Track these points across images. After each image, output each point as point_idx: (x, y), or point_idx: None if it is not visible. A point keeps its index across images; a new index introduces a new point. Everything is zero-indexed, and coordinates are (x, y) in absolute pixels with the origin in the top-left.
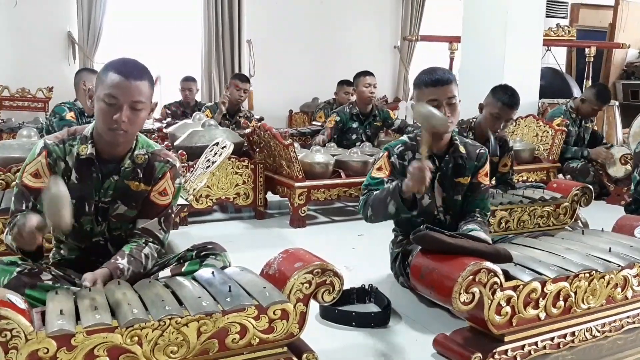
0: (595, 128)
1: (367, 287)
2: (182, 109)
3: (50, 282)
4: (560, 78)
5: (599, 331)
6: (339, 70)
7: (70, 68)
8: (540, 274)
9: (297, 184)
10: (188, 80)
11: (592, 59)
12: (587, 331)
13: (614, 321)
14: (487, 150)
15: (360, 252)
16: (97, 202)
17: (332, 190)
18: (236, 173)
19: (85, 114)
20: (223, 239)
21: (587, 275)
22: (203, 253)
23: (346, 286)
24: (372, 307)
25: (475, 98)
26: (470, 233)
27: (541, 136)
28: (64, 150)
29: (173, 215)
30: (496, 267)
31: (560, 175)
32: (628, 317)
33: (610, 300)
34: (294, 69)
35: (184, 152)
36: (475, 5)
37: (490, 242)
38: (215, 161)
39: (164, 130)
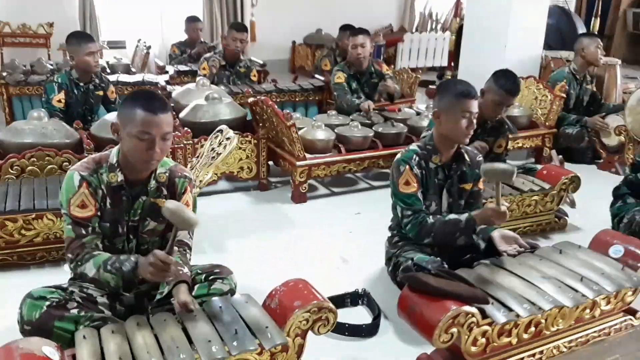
0: (595, 89)
1: (360, 291)
2: (189, 49)
3: (76, 312)
4: (567, 17)
5: (566, 347)
6: (344, 0)
7: (70, 1)
8: (514, 311)
9: (298, 163)
10: (193, 20)
11: None
12: (554, 348)
13: (581, 337)
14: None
15: (357, 237)
16: (128, 221)
17: (332, 166)
18: (240, 148)
19: (80, 83)
20: (227, 218)
21: (558, 309)
22: (211, 277)
23: (342, 282)
24: (364, 312)
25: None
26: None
27: (540, 100)
28: (98, 179)
29: None
30: (474, 309)
31: (553, 155)
32: (594, 332)
33: (579, 320)
34: None
35: (189, 130)
36: None
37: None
38: (221, 153)
39: (168, 89)
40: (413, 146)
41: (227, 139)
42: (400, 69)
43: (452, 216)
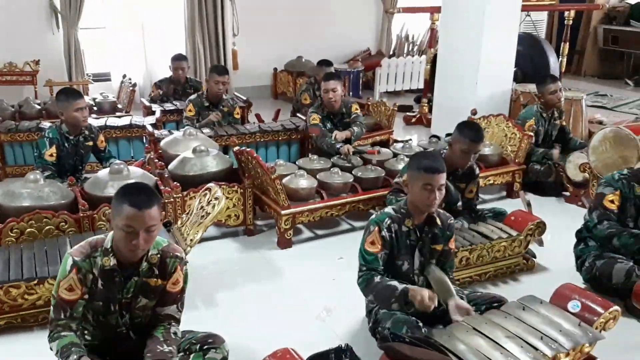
0: (564, 123)
1: (343, 346)
2: (173, 87)
3: None
4: (537, 43)
5: None
6: (324, 27)
7: (54, 37)
8: None
9: (283, 212)
10: (179, 59)
11: (570, 22)
12: None
13: None
14: (453, 218)
15: (340, 284)
16: (121, 299)
17: (315, 212)
18: (227, 198)
19: (70, 136)
20: (216, 267)
21: None
22: (206, 347)
23: (326, 334)
24: None
25: (454, 75)
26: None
27: (510, 137)
28: (90, 263)
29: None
30: None
31: (521, 196)
32: None
33: None
34: (278, 26)
35: (178, 184)
36: None
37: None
38: (210, 212)
39: (156, 135)
40: (388, 209)
41: (216, 198)
42: (378, 101)
43: (393, 283)
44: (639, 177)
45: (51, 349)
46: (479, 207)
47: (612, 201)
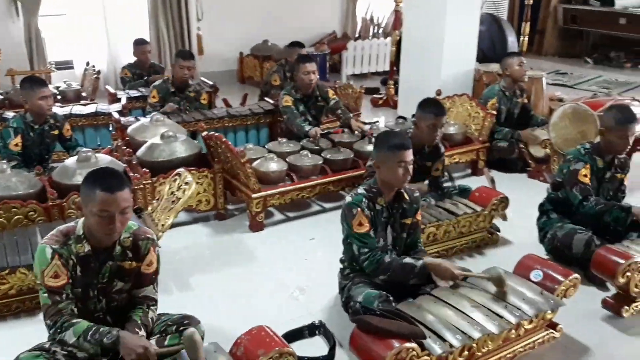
0: (526, 101)
1: (316, 322)
2: (139, 71)
3: None
4: (498, 24)
5: None
6: (289, 10)
7: (14, 25)
8: (448, 342)
9: (254, 195)
10: (141, 43)
11: (531, 1)
12: None
13: (509, 354)
14: (418, 193)
15: (312, 264)
16: (97, 284)
17: (286, 195)
18: (197, 183)
19: (35, 126)
20: (189, 252)
21: (487, 335)
22: (181, 328)
23: (300, 312)
24: (321, 342)
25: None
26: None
27: (473, 116)
28: (68, 250)
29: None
30: (414, 345)
31: (485, 172)
32: (521, 348)
33: (506, 340)
34: (243, 10)
35: (147, 170)
36: None
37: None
38: (180, 197)
39: (123, 122)
40: (361, 190)
41: (186, 183)
42: (345, 84)
43: (409, 260)
44: (599, 151)
45: (61, 341)
46: (445, 184)
47: (585, 175)
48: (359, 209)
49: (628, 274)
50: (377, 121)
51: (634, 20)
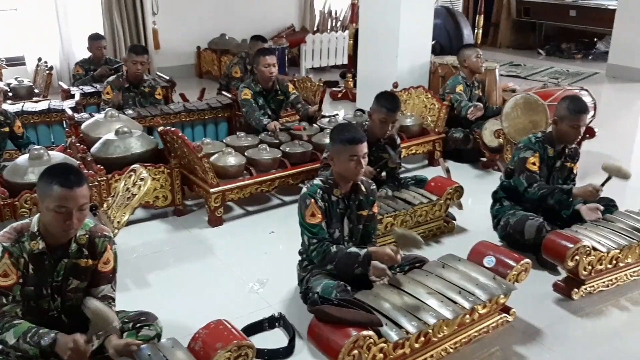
0: (480, 94)
1: (276, 314)
2: (94, 67)
3: None
4: (452, 16)
5: (452, 348)
6: (246, 4)
7: None
8: (404, 328)
9: (212, 190)
10: (96, 38)
11: None
12: (442, 351)
13: (464, 338)
14: (375, 184)
15: (272, 257)
16: (52, 282)
17: (245, 189)
18: (154, 179)
19: None
20: (147, 249)
21: (442, 321)
22: (138, 325)
23: (260, 305)
24: (281, 334)
25: (376, 49)
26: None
27: (429, 108)
28: (20, 248)
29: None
30: (370, 332)
31: (441, 163)
32: (475, 332)
33: (461, 325)
34: (200, 4)
35: (102, 167)
36: None
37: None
38: (136, 194)
39: (76, 118)
40: (317, 181)
41: (141, 179)
42: (304, 77)
43: (353, 249)
44: (550, 140)
45: (3, 341)
46: (401, 175)
47: (534, 163)
48: (312, 199)
49: (577, 257)
50: (337, 114)
51: (583, 12)
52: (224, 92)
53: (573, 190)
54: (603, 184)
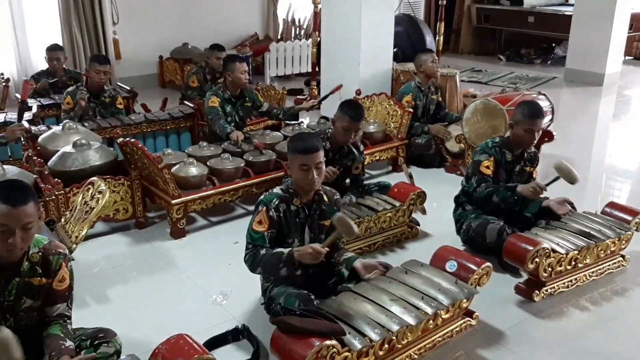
0: (440, 99)
1: (240, 326)
2: (51, 79)
3: None
4: (414, 23)
5: (416, 354)
6: (209, 12)
7: None
8: (367, 336)
9: (173, 201)
10: (54, 49)
11: (444, 2)
12: (407, 357)
13: (428, 343)
14: (339, 195)
15: (236, 268)
16: (3, 302)
17: (207, 200)
18: (114, 191)
19: None
20: (107, 264)
21: (405, 327)
22: (96, 342)
23: (223, 317)
24: (246, 345)
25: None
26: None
27: (392, 114)
28: None
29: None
30: (334, 342)
31: (404, 169)
32: (439, 337)
33: (425, 331)
34: (161, 13)
35: (59, 180)
36: None
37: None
38: (94, 207)
39: (33, 131)
40: (277, 189)
41: (99, 192)
42: (268, 85)
43: (278, 250)
44: (508, 145)
45: None
46: (365, 182)
47: (487, 167)
48: (264, 208)
49: (537, 259)
50: (302, 122)
51: (541, 19)
52: (186, 102)
53: (517, 188)
54: (549, 184)
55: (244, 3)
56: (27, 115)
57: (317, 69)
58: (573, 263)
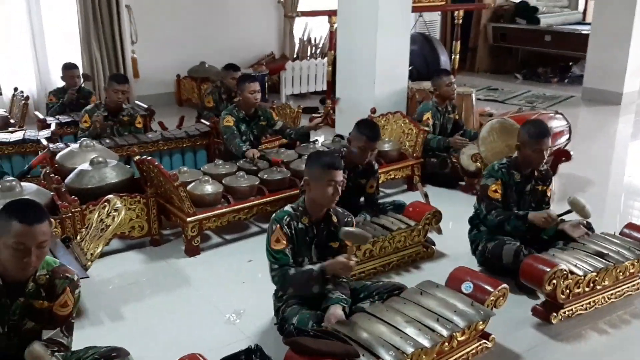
0: (457, 117)
1: (253, 346)
2: (68, 97)
3: None
4: (429, 43)
5: None
6: (226, 32)
7: None
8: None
9: (189, 219)
10: (69, 67)
11: (460, 21)
12: None
13: None
14: (352, 217)
15: (250, 287)
16: (8, 321)
17: (222, 217)
18: (129, 209)
19: None
20: (121, 281)
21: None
22: None
23: (236, 336)
24: None
25: (354, 76)
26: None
27: (407, 133)
28: None
29: (74, 321)
30: None
31: (419, 188)
32: None
33: (440, 353)
34: (179, 32)
35: (76, 198)
36: None
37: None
38: (110, 225)
39: (51, 148)
40: (287, 207)
41: (115, 210)
42: (283, 104)
43: (307, 267)
44: (517, 165)
45: None
46: (380, 200)
47: (495, 191)
48: (278, 225)
49: (554, 281)
50: (316, 140)
51: (558, 37)
52: (202, 120)
53: (529, 216)
54: (561, 215)
55: (260, 22)
56: (46, 132)
57: (332, 87)
58: (591, 285)
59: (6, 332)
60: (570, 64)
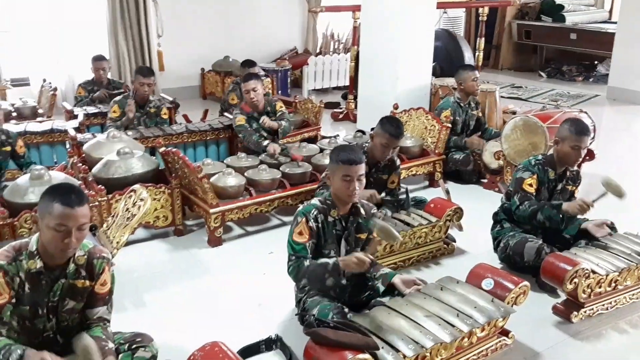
0: (480, 114)
1: (273, 336)
2: (96, 88)
3: None
4: (453, 39)
5: None
6: (250, 27)
7: None
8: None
9: (212, 210)
10: (98, 59)
11: (485, 18)
12: None
13: None
14: (376, 209)
15: (271, 278)
16: (47, 302)
17: (244, 209)
18: (154, 199)
19: None
20: (145, 270)
21: (439, 344)
22: (134, 346)
23: (257, 327)
24: (279, 355)
25: (377, 72)
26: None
27: (429, 129)
28: (17, 267)
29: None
30: (367, 356)
31: (441, 184)
32: (474, 355)
33: (459, 349)
34: (204, 26)
35: (103, 187)
36: None
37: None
38: (135, 214)
39: (79, 139)
40: (314, 201)
41: (141, 199)
42: (305, 98)
43: (322, 260)
44: (552, 163)
45: None
46: (401, 196)
47: (530, 184)
48: (304, 218)
49: (575, 280)
50: (337, 135)
51: (583, 36)
52: (225, 114)
53: (563, 205)
54: (596, 200)
55: (284, 18)
56: (74, 123)
57: (354, 83)
58: (613, 284)
59: (45, 313)
60: (596, 62)
